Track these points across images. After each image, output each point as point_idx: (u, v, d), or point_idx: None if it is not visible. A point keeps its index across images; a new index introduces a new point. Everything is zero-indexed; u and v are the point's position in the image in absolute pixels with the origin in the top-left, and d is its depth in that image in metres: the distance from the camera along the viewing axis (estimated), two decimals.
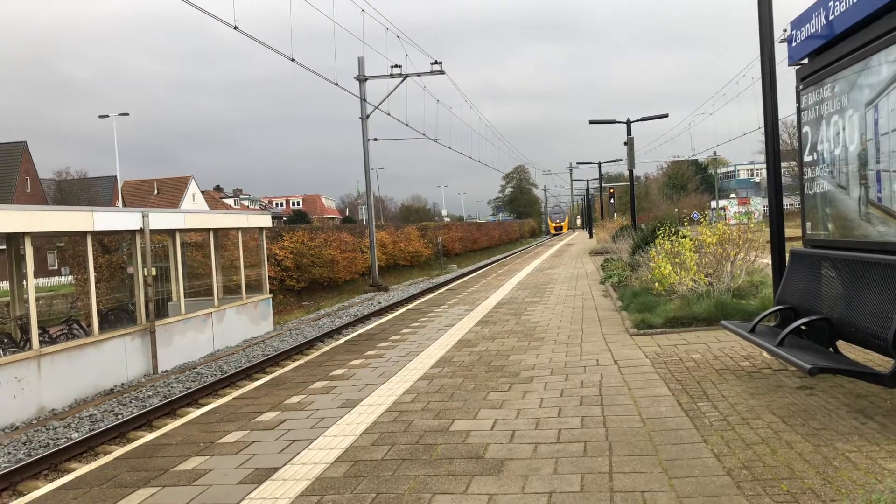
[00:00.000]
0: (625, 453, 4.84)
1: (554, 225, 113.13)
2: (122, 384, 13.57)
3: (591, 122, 31.81)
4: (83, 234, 13.62)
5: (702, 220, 14.07)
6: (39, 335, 12.19)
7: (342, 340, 11.22)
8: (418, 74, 31.84)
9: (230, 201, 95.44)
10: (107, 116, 52.41)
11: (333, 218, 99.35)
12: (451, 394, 6.89)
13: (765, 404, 5.79)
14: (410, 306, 15.84)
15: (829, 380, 6.30)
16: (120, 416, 11.21)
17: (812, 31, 7.13)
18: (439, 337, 10.57)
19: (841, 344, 6.23)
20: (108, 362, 13.39)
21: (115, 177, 59.26)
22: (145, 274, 14.68)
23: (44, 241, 33.06)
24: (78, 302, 18.17)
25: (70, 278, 30.08)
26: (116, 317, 15.83)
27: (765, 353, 7.45)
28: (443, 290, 19.82)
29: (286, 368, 9.14)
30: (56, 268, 48.91)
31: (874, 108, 5.76)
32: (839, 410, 5.49)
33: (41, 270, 44.98)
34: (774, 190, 7.88)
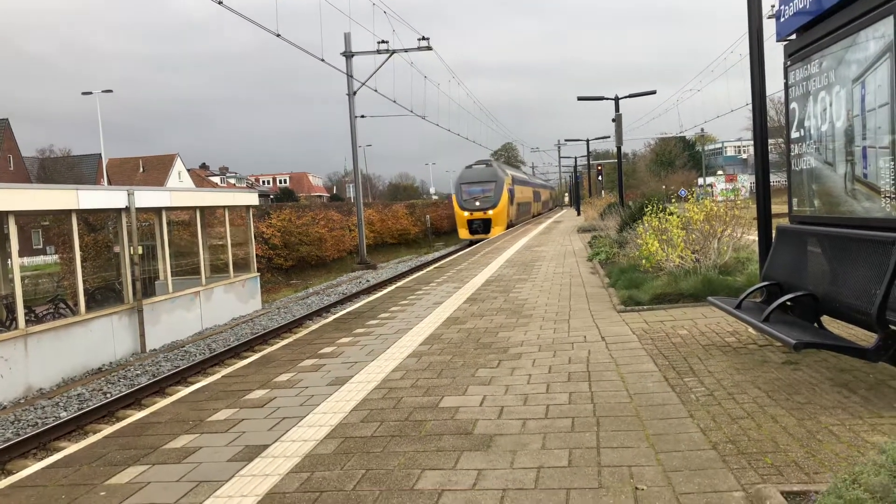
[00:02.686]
0: (612, 428, 4.90)
1: (468, 214, 44.15)
2: (110, 363, 13.54)
3: (580, 99, 31.76)
4: (68, 212, 13.50)
5: (689, 196, 14.12)
6: (25, 314, 12.11)
7: (331, 318, 11.23)
8: (405, 50, 31.59)
9: (216, 179, 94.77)
10: (90, 93, 51.79)
11: (321, 196, 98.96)
12: (440, 371, 6.92)
13: (750, 379, 5.86)
14: (399, 284, 15.85)
15: (814, 355, 6.37)
16: (108, 395, 11.20)
17: (800, 6, 7.12)
18: (428, 314, 10.59)
19: (826, 319, 6.29)
20: (96, 341, 13.35)
21: (100, 155, 58.68)
22: (132, 252, 14.59)
23: (28, 219, 32.75)
24: (64, 281, 18.05)
25: (55, 257, 29.84)
26: (103, 296, 15.75)
27: (751, 329, 7.53)
28: (431, 267, 19.84)
29: (275, 346, 9.14)
30: (41, 247, 48.52)
31: (861, 85, 5.77)
32: (823, 385, 5.56)
33: (26, 249, 44.58)
34: (761, 166, 7.90)
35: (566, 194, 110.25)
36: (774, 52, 7.62)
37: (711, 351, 6.98)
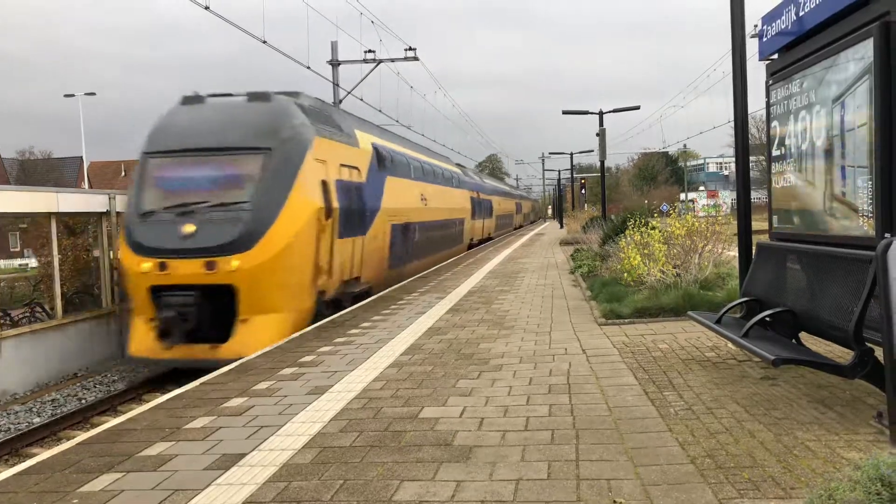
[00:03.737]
0: (591, 441, 4.90)
1: (151, 267, 10.88)
2: (87, 368, 13.37)
3: (564, 113, 31.83)
4: (47, 215, 13.35)
5: (671, 212, 14.24)
6: (0, 318, 11.93)
7: (311, 327, 11.16)
8: (392, 60, 31.57)
9: None
10: (72, 96, 51.33)
11: None
12: (421, 381, 6.90)
13: (729, 394, 5.89)
14: (381, 293, 15.80)
15: (792, 371, 6.43)
16: (84, 401, 11.05)
17: (782, 27, 7.23)
18: (410, 324, 10.56)
19: (804, 336, 6.35)
20: (73, 346, 13.17)
21: (81, 158, 58.11)
22: (111, 257, 14.44)
23: (5, 222, 32.33)
24: (41, 284, 17.81)
25: (33, 260, 29.46)
26: (81, 300, 15.56)
27: (730, 344, 7.58)
28: (414, 277, 19.79)
29: (254, 355, 9.07)
30: (18, 249, 47.91)
31: (841, 105, 5.85)
32: (800, 400, 5.61)
33: (2, 252, 44.03)
34: (742, 183, 7.99)
35: (549, 206, 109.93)
36: (757, 71, 7.74)
37: (691, 365, 7.01)
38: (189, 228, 10.95)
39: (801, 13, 6.74)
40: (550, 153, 62.84)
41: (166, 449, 5.24)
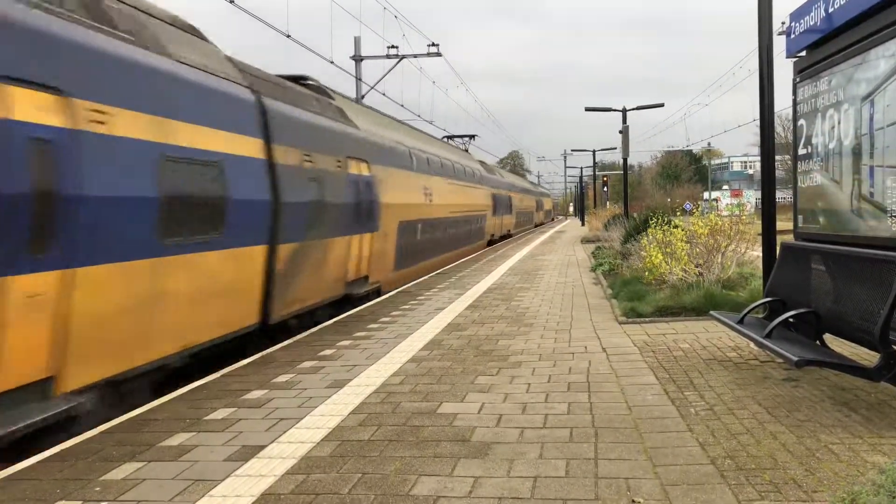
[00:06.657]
0: (610, 440, 4.87)
1: None
2: None
3: (587, 109, 31.69)
4: None
5: (694, 210, 14.13)
6: None
7: (331, 321, 11.21)
8: (415, 56, 31.58)
9: None
10: None
11: None
12: (440, 377, 6.90)
13: (750, 395, 5.83)
14: (400, 288, 15.84)
15: (815, 372, 6.35)
16: None
17: (811, 23, 7.13)
18: (429, 320, 10.58)
19: (828, 337, 6.27)
20: None
21: None
22: None
23: None
24: None
25: None
26: None
27: (752, 345, 7.50)
28: (433, 273, 19.82)
29: (274, 347, 9.12)
30: None
31: (870, 103, 5.76)
32: (824, 403, 5.54)
33: None
34: (767, 183, 7.89)
35: (571, 204, 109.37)
36: (784, 68, 7.63)
37: (712, 365, 6.95)
38: None
39: (830, 10, 6.64)
40: (573, 150, 62.27)
41: (187, 439, 5.29)
